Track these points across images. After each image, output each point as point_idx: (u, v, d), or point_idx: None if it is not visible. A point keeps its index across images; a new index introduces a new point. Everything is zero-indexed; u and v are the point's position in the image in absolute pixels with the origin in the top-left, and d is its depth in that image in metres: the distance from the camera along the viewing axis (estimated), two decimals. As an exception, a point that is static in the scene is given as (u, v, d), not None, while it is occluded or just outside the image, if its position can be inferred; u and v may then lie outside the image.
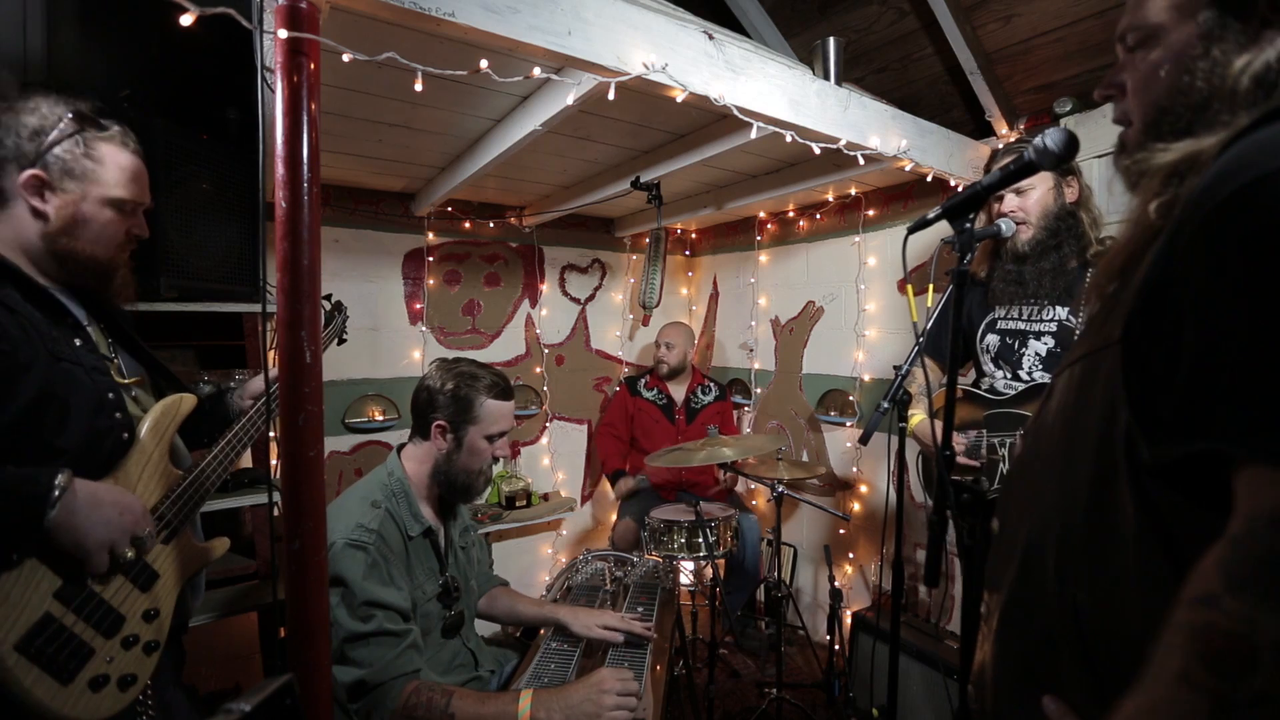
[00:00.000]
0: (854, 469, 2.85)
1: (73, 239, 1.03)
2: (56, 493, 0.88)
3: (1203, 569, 0.43)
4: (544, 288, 3.30)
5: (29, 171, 0.98)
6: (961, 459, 1.64)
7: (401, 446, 1.53)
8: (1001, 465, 1.60)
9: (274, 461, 1.83)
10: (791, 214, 3.15)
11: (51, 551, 0.93)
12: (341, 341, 1.81)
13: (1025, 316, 1.70)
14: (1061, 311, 1.63)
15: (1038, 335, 1.66)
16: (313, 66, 0.91)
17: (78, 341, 1.06)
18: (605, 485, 3.43)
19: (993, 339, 1.76)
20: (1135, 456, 0.53)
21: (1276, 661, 0.38)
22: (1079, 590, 0.59)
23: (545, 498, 3.23)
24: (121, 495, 1.00)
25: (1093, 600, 0.58)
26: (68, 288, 1.10)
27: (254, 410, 1.27)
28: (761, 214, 3.28)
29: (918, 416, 1.74)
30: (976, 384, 1.78)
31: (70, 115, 1.02)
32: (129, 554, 0.99)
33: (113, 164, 1.05)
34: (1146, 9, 0.62)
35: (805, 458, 3.12)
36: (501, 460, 1.53)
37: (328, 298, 1.79)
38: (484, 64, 1.19)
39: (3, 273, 0.98)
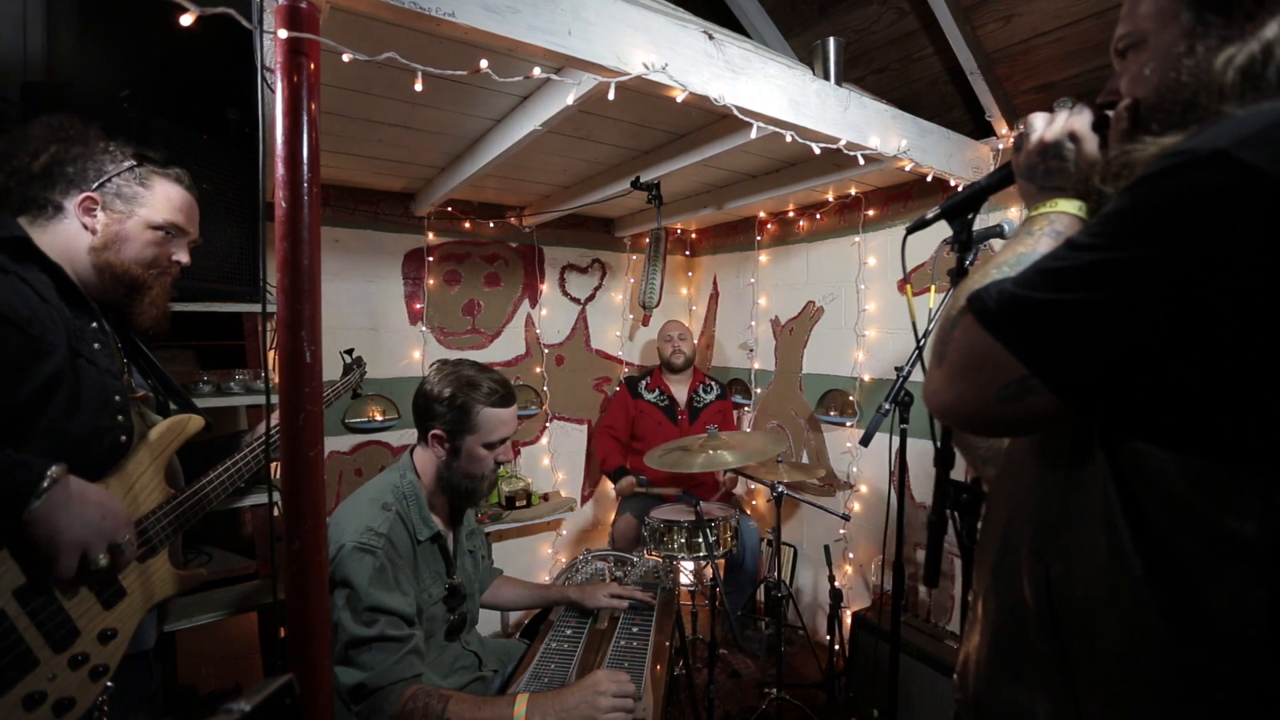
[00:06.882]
0: (854, 469, 2.85)
1: (115, 254, 1.12)
2: (46, 483, 0.87)
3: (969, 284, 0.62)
4: (544, 288, 3.30)
5: (85, 193, 1.09)
6: None
7: (414, 448, 1.51)
8: None
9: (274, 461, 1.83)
10: (791, 214, 3.15)
11: (23, 545, 0.89)
12: (356, 395, 1.86)
13: None
14: None
15: None
16: (313, 66, 0.91)
17: (96, 345, 1.08)
18: (605, 485, 3.43)
19: None
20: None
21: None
22: (1053, 561, 0.62)
23: (545, 498, 3.23)
24: (108, 498, 0.98)
25: (1065, 570, 0.61)
26: (98, 302, 1.14)
27: (256, 443, 1.30)
28: (761, 214, 3.28)
29: None
30: None
31: (133, 154, 1.16)
32: (102, 560, 0.95)
33: (161, 194, 1.16)
34: (1135, 16, 0.66)
35: (805, 458, 3.12)
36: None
37: (349, 352, 1.89)
38: (484, 64, 1.19)
39: (47, 268, 1.04)
